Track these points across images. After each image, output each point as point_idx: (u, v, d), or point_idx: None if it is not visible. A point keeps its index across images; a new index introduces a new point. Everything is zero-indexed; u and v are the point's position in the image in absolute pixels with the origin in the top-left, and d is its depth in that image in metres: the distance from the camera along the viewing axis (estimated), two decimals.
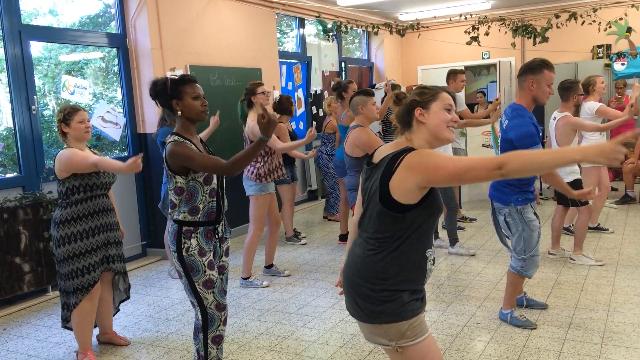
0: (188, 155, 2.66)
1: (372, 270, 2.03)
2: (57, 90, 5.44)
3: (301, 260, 5.66)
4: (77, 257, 3.48)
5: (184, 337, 3.92)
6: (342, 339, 3.73)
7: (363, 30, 10.49)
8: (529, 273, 3.72)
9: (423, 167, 1.93)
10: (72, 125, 3.48)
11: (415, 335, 2.02)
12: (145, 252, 6.12)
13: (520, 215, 3.60)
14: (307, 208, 8.34)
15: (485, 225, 6.66)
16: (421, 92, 2.13)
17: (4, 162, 5.05)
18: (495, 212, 3.79)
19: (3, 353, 3.81)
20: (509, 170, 1.77)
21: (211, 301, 2.79)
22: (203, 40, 6.46)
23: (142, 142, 6.04)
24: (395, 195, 1.97)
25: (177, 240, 2.74)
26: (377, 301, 2.01)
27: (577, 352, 3.36)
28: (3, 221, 4.47)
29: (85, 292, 3.50)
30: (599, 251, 5.36)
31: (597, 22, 8.42)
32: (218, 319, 2.83)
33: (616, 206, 7.21)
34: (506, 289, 3.85)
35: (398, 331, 2.01)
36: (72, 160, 3.40)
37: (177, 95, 2.75)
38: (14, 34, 4.83)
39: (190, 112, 2.77)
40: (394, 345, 2.02)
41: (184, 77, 2.80)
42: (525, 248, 3.64)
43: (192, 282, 2.76)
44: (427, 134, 2.09)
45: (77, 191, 3.47)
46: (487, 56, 10.73)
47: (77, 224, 3.48)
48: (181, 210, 2.76)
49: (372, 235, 2.05)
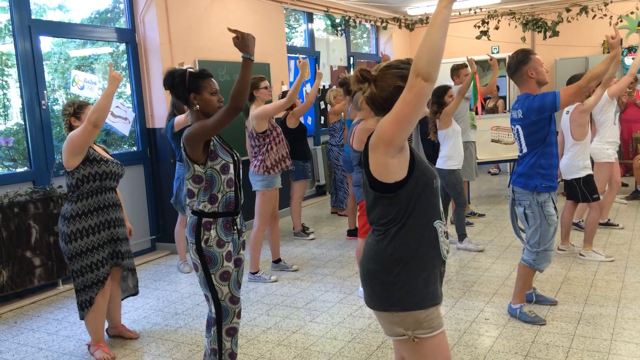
0: (201, 125, 2.66)
1: (384, 254, 2.00)
2: (66, 85, 5.46)
3: (309, 255, 5.67)
4: (89, 252, 3.50)
5: (192, 330, 3.94)
6: (350, 333, 3.74)
7: (372, 25, 10.45)
8: (540, 267, 3.73)
9: (376, 133, 1.92)
10: (83, 118, 3.50)
11: (432, 327, 2.00)
12: (154, 247, 6.15)
13: (540, 208, 3.61)
14: (315, 203, 8.35)
15: (494, 220, 6.64)
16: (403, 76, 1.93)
17: (15, 156, 5.08)
18: (514, 203, 3.76)
19: (14, 346, 3.85)
20: (419, 66, 1.71)
21: (226, 294, 2.80)
22: (211, 35, 6.46)
23: (151, 136, 6.06)
24: (379, 177, 1.96)
25: (196, 231, 2.74)
26: (394, 287, 1.98)
27: (587, 348, 3.34)
28: (14, 215, 4.50)
29: (100, 286, 3.53)
30: (609, 247, 5.33)
31: (608, 16, 8.35)
32: (232, 311, 2.83)
33: (626, 202, 7.16)
34: (516, 282, 3.85)
35: (415, 320, 1.98)
36: (71, 137, 3.38)
37: (195, 89, 2.75)
38: (24, 29, 4.86)
39: (207, 107, 2.77)
40: (410, 335, 1.98)
41: (203, 72, 2.78)
42: (540, 242, 3.65)
43: (208, 275, 2.75)
44: None
45: (87, 180, 3.47)
46: (496, 51, 10.66)
47: (88, 218, 3.49)
48: (200, 200, 2.75)
49: (377, 222, 2.04)
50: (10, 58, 4.91)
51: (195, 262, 2.79)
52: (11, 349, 3.80)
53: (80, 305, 3.59)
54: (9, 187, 4.67)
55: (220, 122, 2.62)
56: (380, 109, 2.02)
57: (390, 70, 2.01)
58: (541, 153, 3.60)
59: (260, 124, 4.72)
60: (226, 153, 2.79)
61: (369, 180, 2.01)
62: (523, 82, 3.64)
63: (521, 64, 3.61)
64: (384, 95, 1.99)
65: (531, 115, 3.55)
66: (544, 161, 3.60)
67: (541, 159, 3.60)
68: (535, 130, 3.57)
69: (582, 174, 4.91)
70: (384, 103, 2.00)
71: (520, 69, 3.61)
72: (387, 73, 2.01)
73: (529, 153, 3.64)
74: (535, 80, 3.61)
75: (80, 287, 3.54)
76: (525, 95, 3.63)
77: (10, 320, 4.33)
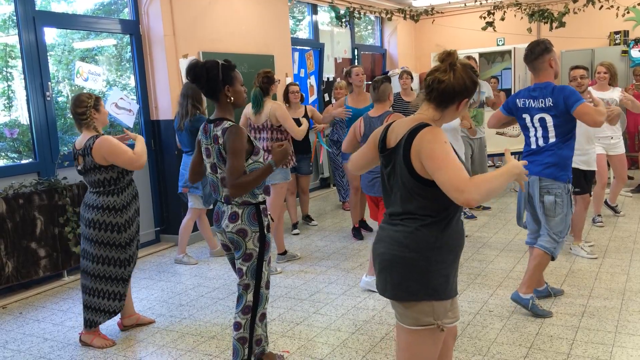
0: (237, 151, 2.68)
1: (424, 241, 2.00)
2: (71, 77, 5.46)
3: (313, 248, 5.67)
4: (135, 238, 3.66)
5: (197, 321, 3.96)
6: (354, 325, 3.74)
7: (376, 17, 10.40)
8: (557, 254, 3.74)
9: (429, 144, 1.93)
10: (102, 110, 3.57)
11: (455, 316, 2.06)
12: (158, 238, 6.16)
13: (569, 197, 3.64)
14: (319, 196, 8.34)
15: (499, 213, 6.63)
16: (475, 83, 2.01)
17: (19, 148, 5.09)
18: (540, 192, 3.66)
19: (20, 336, 3.88)
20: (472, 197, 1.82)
21: (265, 279, 2.87)
22: (216, 27, 6.44)
23: (155, 128, 6.06)
24: (419, 171, 1.97)
25: (258, 220, 2.78)
26: (433, 275, 1.99)
27: (591, 340, 3.34)
28: (19, 206, 4.52)
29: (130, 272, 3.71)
30: (614, 240, 5.31)
31: (615, 7, 8.27)
32: (265, 297, 2.91)
33: (632, 195, 7.13)
34: (531, 271, 3.74)
35: (445, 309, 2.02)
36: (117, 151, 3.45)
37: (230, 81, 2.74)
38: (28, 20, 4.85)
39: (239, 98, 2.79)
40: (439, 324, 2.00)
41: (231, 63, 2.77)
42: (563, 230, 3.67)
43: (261, 262, 2.81)
44: (448, 119, 2.08)
45: (127, 174, 3.59)
46: (502, 42, 10.60)
47: (132, 205, 3.62)
48: (256, 193, 2.81)
49: (416, 210, 2.01)
50: (14, 50, 4.91)
51: (252, 252, 2.80)
52: (17, 339, 3.82)
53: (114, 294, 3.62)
54: (14, 179, 4.68)
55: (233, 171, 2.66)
56: (442, 99, 2.00)
57: (469, 71, 2.00)
58: (570, 145, 3.64)
59: (279, 119, 4.83)
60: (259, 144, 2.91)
61: (409, 171, 1.99)
62: (542, 70, 3.64)
63: (545, 52, 3.62)
64: (456, 88, 1.98)
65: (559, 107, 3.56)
66: (571, 153, 3.66)
67: (570, 151, 3.65)
68: (569, 119, 3.55)
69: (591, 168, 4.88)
70: (451, 94, 1.98)
71: (543, 56, 3.62)
72: (466, 71, 2.00)
73: (557, 143, 3.60)
74: (555, 71, 3.65)
75: (128, 276, 3.65)
76: (548, 84, 3.60)
77: (16, 310, 4.36)
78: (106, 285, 3.60)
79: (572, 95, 3.52)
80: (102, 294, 3.59)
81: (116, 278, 3.61)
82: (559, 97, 3.54)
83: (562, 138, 3.60)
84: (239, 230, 2.79)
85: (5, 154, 5.03)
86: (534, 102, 3.66)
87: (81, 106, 3.48)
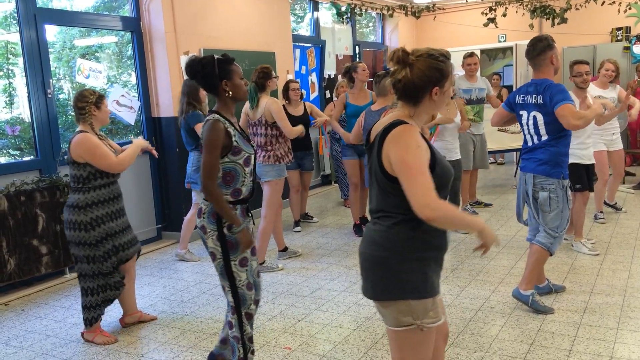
0: (209, 146, 2.62)
1: (397, 240, 1.97)
2: (72, 74, 5.46)
3: (315, 244, 5.67)
4: (111, 236, 3.57)
5: (198, 318, 3.96)
6: (356, 322, 3.74)
7: (377, 13, 10.38)
8: (554, 249, 3.73)
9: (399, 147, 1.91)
10: (102, 108, 3.55)
11: (437, 315, 1.99)
12: (160, 235, 6.17)
13: (564, 192, 3.63)
14: (321, 193, 8.34)
15: (500, 210, 6.62)
16: (439, 69, 1.95)
17: (21, 145, 5.10)
18: (534, 189, 3.68)
19: (22, 333, 3.89)
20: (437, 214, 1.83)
21: (244, 280, 2.76)
22: (217, 24, 6.43)
23: (156, 125, 6.06)
24: (389, 170, 1.95)
25: (217, 219, 2.69)
26: (408, 274, 1.96)
27: (593, 337, 3.33)
28: (20, 204, 4.52)
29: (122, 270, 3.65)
30: (615, 236, 5.31)
31: (617, 3, 8.25)
32: (249, 297, 2.80)
33: (633, 191, 7.12)
34: (530, 268, 3.75)
35: (424, 308, 1.97)
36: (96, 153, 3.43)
37: (227, 75, 2.70)
38: (29, 17, 4.85)
39: (238, 92, 2.74)
40: (419, 324, 1.96)
41: (228, 57, 2.73)
42: (559, 225, 3.66)
43: (228, 262, 2.71)
44: (429, 111, 2.04)
45: (100, 176, 3.51)
46: (503, 39, 10.57)
47: (104, 206, 3.53)
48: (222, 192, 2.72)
49: (389, 209, 2.00)
50: (15, 47, 4.91)
51: (214, 251, 2.73)
52: (19, 336, 3.83)
53: (109, 286, 3.61)
54: (16, 176, 4.69)
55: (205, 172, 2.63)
56: (408, 95, 1.98)
57: (428, 59, 1.95)
58: (564, 142, 3.62)
59: (272, 115, 4.74)
60: (248, 145, 2.76)
61: (380, 168, 1.98)
62: (542, 67, 3.64)
63: (547, 49, 3.61)
64: (416, 82, 1.95)
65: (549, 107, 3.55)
66: (565, 149, 3.64)
67: (564, 148, 3.64)
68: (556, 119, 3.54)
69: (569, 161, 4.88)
70: (413, 89, 1.96)
71: (546, 52, 3.61)
72: (424, 61, 1.95)
73: (550, 140, 3.61)
74: (555, 67, 3.64)
75: (108, 271, 3.59)
76: (544, 82, 3.60)
77: (18, 307, 4.36)
78: (87, 282, 3.59)
79: (557, 94, 3.51)
80: (87, 291, 3.59)
81: (94, 274, 3.57)
82: (546, 96, 3.56)
83: (554, 135, 3.60)
84: (201, 226, 2.77)
85: (7, 151, 5.03)
86: (531, 98, 3.68)
87: (83, 101, 3.51)
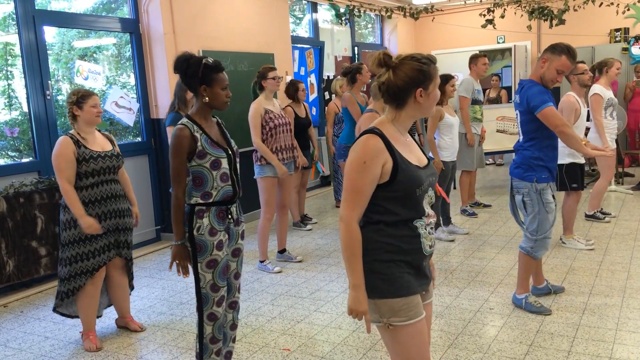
0: (172, 152, 2.74)
1: (368, 241, 2.03)
2: (71, 76, 5.46)
3: (314, 246, 5.67)
4: (82, 241, 3.49)
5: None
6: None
7: (376, 15, 10.39)
8: (537, 254, 3.72)
9: (350, 158, 2.00)
10: (85, 108, 3.47)
11: (408, 315, 2.01)
12: (159, 237, 6.17)
13: (539, 195, 3.59)
14: (320, 194, 8.35)
15: (500, 211, 6.63)
16: (422, 71, 1.97)
17: (20, 147, 5.09)
18: (512, 191, 3.74)
19: (20, 335, 3.88)
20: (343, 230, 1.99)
21: (208, 281, 2.77)
22: (216, 25, 6.44)
23: (155, 127, 6.06)
24: None
25: (189, 220, 2.74)
26: (371, 275, 2.01)
27: (592, 338, 3.34)
28: (19, 205, 4.52)
29: (89, 276, 3.53)
30: (614, 237, 5.31)
31: (616, 4, 8.26)
32: (212, 299, 2.79)
33: (632, 192, 7.13)
34: (519, 272, 3.83)
35: (391, 308, 2.01)
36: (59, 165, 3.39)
37: (208, 81, 2.71)
38: (27, 19, 4.85)
39: (215, 101, 2.75)
40: (384, 322, 2.03)
41: (218, 65, 2.74)
42: (538, 229, 3.64)
43: (195, 262, 2.76)
44: (415, 114, 2.06)
45: (86, 177, 3.46)
46: (502, 40, 10.59)
47: (87, 208, 3.46)
48: (192, 195, 2.76)
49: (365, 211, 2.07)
50: (14, 48, 4.91)
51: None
52: (18, 338, 3.83)
53: (59, 294, 3.57)
54: (15, 178, 4.68)
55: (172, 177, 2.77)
56: (392, 98, 2.02)
57: (411, 62, 1.98)
58: (538, 146, 3.58)
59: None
60: (217, 149, 2.76)
61: None
62: (539, 69, 3.58)
63: (550, 49, 3.54)
64: (399, 84, 1.98)
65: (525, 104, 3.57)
66: (539, 153, 3.57)
67: (538, 152, 3.57)
68: (531, 119, 3.54)
69: (566, 161, 4.90)
70: (397, 92, 1.99)
71: (546, 52, 3.54)
72: (408, 63, 1.98)
73: (523, 143, 3.64)
74: (541, 73, 3.56)
75: (65, 276, 3.52)
76: (530, 82, 3.61)
77: (17, 309, 4.36)
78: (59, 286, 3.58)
79: (535, 97, 3.48)
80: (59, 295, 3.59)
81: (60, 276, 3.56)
82: (523, 95, 3.56)
83: (528, 137, 3.60)
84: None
85: (6, 152, 5.03)
86: (516, 98, 3.71)
87: (67, 102, 3.53)
